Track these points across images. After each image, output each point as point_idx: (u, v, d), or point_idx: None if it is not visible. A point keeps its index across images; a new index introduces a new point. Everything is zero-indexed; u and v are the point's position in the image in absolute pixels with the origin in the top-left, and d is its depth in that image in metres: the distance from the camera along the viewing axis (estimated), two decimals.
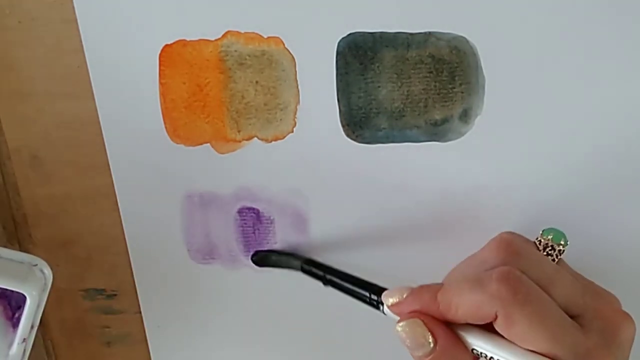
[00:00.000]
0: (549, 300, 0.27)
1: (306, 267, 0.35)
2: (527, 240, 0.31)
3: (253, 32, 0.32)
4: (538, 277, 0.28)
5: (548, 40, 0.31)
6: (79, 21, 0.33)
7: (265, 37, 0.32)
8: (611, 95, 0.32)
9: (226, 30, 0.32)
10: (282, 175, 0.35)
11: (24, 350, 0.32)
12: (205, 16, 0.32)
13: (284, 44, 0.32)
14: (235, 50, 0.33)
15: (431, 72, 0.33)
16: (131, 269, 0.38)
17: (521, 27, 0.31)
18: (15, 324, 0.32)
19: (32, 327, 0.32)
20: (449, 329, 0.28)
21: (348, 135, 0.34)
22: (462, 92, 0.33)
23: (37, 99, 0.34)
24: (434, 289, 0.28)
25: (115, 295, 0.39)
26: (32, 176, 0.36)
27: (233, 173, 0.35)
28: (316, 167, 0.35)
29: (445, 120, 0.33)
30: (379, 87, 0.33)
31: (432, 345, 0.27)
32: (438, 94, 0.33)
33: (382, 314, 0.30)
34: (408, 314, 0.28)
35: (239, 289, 0.38)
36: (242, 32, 0.32)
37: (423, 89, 0.33)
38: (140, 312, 0.39)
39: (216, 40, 0.33)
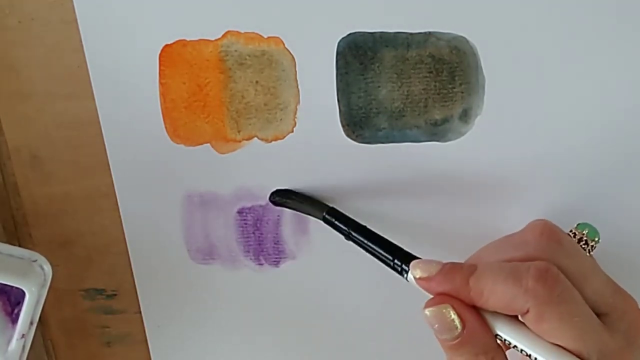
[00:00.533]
0: (580, 300, 0.27)
1: (329, 217, 0.33)
2: (564, 231, 0.31)
3: (253, 32, 0.32)
4: (575, 269, 0.28)
5: (548, 40, 0.31)
6: (79, 21, 0.33)
7: (265, 37, 0.32)
8: (612, 94, 0.32)
9: (226, 30, 0.32)
10: (282, 175, 0.35)
11: (23, 347, 0.32)
12: (205, 16, 0.32)
13: (284, 44, 0.32)
14: (235, 50, 0.33)
15: (431, 72, 0.33)
16: (131, 269, 0.38)
17: (521, 27, 0.31)
18: (14, 320, 0.32)
19: (31, 323, 0.32)
20: (477, 313, 0.28)
21: (348, 135, 0.34)
22: (462, 92, 0.33)
23: (37, 99, 0.34)
24: (466, 272, 0.28)
25: (115, 295, 0.39)
26: (32, 176, 0.36)
27: (233, 173, 0.35)
28: (316, 167, 0.35)
29: (445, 120, 0.33)
30: (379, 87, 0.33)
31: (459, 329, 0.27)
32: (438, 94, 0.33)
33: (405, 281, 0.30)
34: (437, 297, 0.28)
35: (239, 289, 0.38)
36: (242, 32, 0.32)
37: (423, 89, 0.33)
38: (140, 312, 0.39)
39: (216, 40, 0.33)
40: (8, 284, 0.31)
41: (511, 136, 0.33)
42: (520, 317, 0.27)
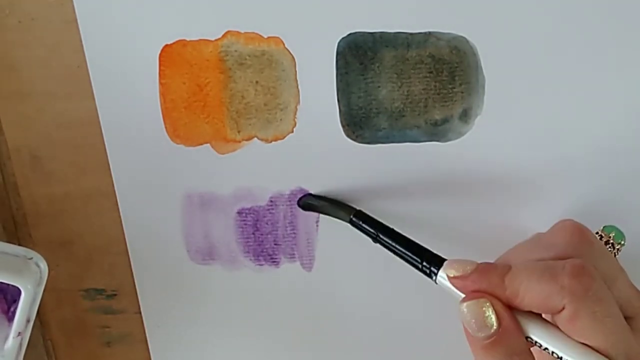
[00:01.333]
0: (613, 300, 0.27)
1: (356, 220, 0.33)
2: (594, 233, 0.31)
3: (253, 32, 0.32)
4: (604, 271, 0.27)
5: (548, 40, 0.31)
6: (79, 21, 0.33)
7: (265, 37, 0.32)
8: (611, 94, 0.32)
9: (226, 30, 0.32)
10: (282, 176, 0.35)
11: (20, 345, 0.32)
12: (205, 16, 0.32)
13: (284, 44, 0.32)
14: (235, 50, 0.33)
15: (431, 72, 0.33)
16: (131, 269, 0.38)
17: (521, 27, 0.31)
18: (10, 318, 0.32)
19: (27, 321, 0.32)
20: (512, 313, 0.27)
21: (348, 135, 0.34)
22: (462, 92, 0.33)
23: (37, 99, 0.34)
24: (501, 271, 0.27)
25: (115, 295, 0.39)
26: (32, 176, 0.36)
27: (233, 173, 0.35)
28: (316, 167, 0.35)
29: (445, 120, 0.33)
30: (379, 87, 0.33)
31: (495, 327, 0.27)
32: (438, 94, 0.33)
33: (434, 284, 0.29)
34: (472, 293, 0.28)
35: (238, 290, 0.38)
36: (242, 32, 0.32)
37: (423, 89, 0.33)
38: (140, 312, 0.39)
39: (216, 40, 0.33)
40: (4, 282, 0.31)
41: (511, 136, 0.33)
42: (552, 317, 0.27)
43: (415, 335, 0.38)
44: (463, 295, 0.28)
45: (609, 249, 0.30)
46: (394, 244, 0.31)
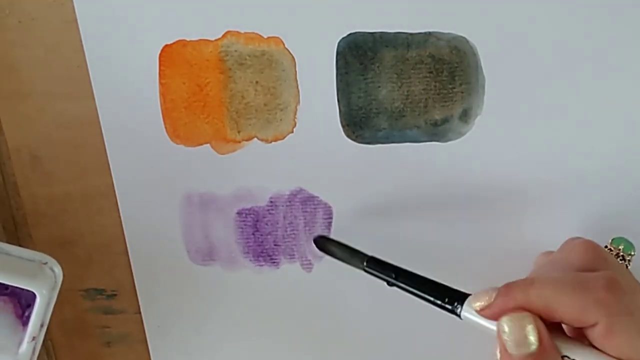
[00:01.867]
0: None
1: (370, 266, 0.32)
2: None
3: (253, 32, 0.32)
4: None
5: (548, 40, 0.31)
6: (79, 21, 0.33)
7: (265, 37, 0.32)
8: (611, 94, 0.32)
9: (226, 30, 0.32)
10: (282, 176, 0.35)
11: (34, 349, 0.32)
12: (205, 16, 0.32)
13: (284, 44, 0.32)
14: (235, 50, 0.33)
15: (431, 72, 0.33)
16: (131, 269, 0.38)
17: (521, 27, 0.31)
18: (25, 322, 0.32)
19: (41, 325, 0.32)
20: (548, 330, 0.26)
21: (348, 135, 0.34)
22: (462, 92, 0.33)
23: (37, 99, 0.34)
24: (523, 286, 0.26)
25: (115, 295, 0.39)
26: (32, 176, 0.36)
27: (233, 173, 0.35)
28: (316, 167, 0.35)
29: (445, 120, 0.33)
30: (379, 87, 0.33)
31: (536, 346, 0.25)
32: (438, 94, 0.33)
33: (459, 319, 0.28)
34: (512, 309, 0.26)
35: (238, 290, 0.38)
36: (242, 32, 0.32)
37: (423, 89, 0.33)
38: (140, 312, 0.39)
39: (216, 40, 0.33)
40: (19, 286, 0.31)
41: (511, 136, 0.33)
42: (587, 333, 0.26)
43: (415, 335, 0.38)
44: (491, 327, 0.27)
45: (620, 262, 0.30)
46: (410, 286, 0.30)
